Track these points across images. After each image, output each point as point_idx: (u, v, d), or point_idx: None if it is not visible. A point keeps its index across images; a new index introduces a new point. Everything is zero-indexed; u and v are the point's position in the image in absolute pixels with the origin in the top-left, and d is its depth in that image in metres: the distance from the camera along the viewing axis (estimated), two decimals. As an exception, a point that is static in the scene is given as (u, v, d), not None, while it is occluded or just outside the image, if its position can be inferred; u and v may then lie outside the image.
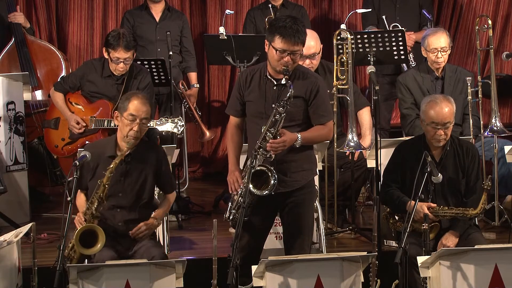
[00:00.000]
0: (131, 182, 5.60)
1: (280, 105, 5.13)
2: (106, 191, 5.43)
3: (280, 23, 5.17)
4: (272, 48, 5.19)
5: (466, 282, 5.14)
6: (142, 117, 5.55)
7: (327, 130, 5.35)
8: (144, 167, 5.62)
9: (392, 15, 8.10)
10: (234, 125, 5.48)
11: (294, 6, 8.48)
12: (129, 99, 5.58)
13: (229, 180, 5.34)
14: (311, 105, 5.29)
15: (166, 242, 6.21)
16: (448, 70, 7.17)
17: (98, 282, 5.03)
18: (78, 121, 7.03)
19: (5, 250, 5.31)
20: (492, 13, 9.10)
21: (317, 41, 6.96)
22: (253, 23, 8.24)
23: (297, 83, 5.25)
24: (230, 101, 5.50)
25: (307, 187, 5.41)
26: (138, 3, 8.71)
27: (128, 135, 5.54)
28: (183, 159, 8.47)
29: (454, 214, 5.78)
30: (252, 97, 5.34)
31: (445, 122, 5.77)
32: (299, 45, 5.18)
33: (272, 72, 5.28)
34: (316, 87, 5.28)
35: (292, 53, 5.16)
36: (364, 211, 7.50)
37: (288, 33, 5.13)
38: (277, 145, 5.14)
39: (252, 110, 5.36)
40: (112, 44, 6.82)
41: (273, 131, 5.15)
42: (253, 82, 5.34)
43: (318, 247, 6.39)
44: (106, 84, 7.01)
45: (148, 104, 5.61)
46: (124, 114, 5.55)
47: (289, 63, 5.17)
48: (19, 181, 7.25)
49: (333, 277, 5.04)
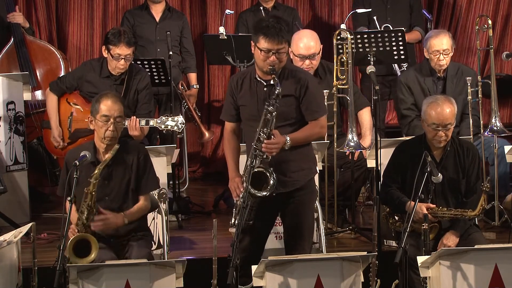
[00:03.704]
0: (116, 184, 5.58)
1: (270, 104, 5.15)
2: (94, 198, 5.39)
3: (263, 24, 5.22)
4: (257, 49, 5.23)
5: (466, 282, 5.14)
6: (116, 116, 5.51)
7: (320, 127, 5.36)
8: (126, 167, 5.59)
9: (383, 15, 8.11)
10: (230, 131, 5.49)
11: (286, 8, 8.50)
12: (99, 101, 5.54)
13: (230, 187, 5.35)
14: (302, 102, 5.30)
15: (166, 242, 6.21)
16: (450, 69, 7.16)
17: (98, 282, 5.03)
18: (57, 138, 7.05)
19: (5, 250, 5.31)
20: (492, 13, 9.10)
21: (317, 41, 6.95)
22: (245, 25, 8.25)
23: (286, 82, 5.27)
24: (224, 107, 5.52)
25: (307, 187, 5.41)
26: (138, 3, 8.72)
27: (105, 136, 5.50)
28: (183, 159, 8.47)
29: (453, 216, 5.78)
30: (244, 100, 5.36)
31: (446, 123, 5.76)
32: (283, 43, 5.21)
33: (261, 74, 5.30)
34: (305, 83, 5.30)
35: (277, 52, 5.19)
36: (364, 211, 7.50)
37: (271, 32, 5.17)
38: (271, 146, 5.15)
39: (246, 113, 5.38)
40: (113, 40, 6.80)
41: (266, 131, 5.16)
42: (244, 86, 5.36)
43: (318, 247, 6.39)
44: (104, 85, 6.99)
45: (120, 102, 5.57)
46: (97, 116, 5.52)
47: (275, 62, 5.20)
48: (19, 181, 7.25)
49: (333, 277, 5.04)
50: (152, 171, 5.71)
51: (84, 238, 5.36)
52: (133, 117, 6.67)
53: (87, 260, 5.30)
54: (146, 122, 6.71)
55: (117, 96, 5.64)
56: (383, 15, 8.10)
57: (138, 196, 5.65)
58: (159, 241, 6.32)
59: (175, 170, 7.63)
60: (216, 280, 5.11)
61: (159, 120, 6.72)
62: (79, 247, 5.34)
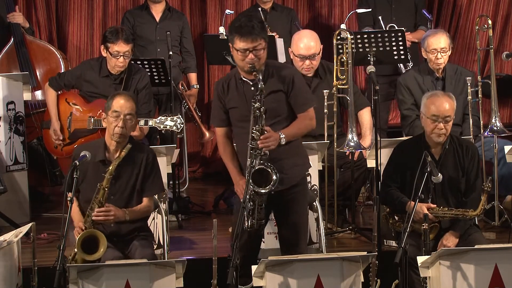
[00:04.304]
0: (123, 183, 5.60)
1: (256, 101, 5.17)
2: (106, 194, 5.43)
3: (236, 24, 5.26)
4: (234, 50, 5.27)
5: (466, 282, 5.14)
6: (126, 113, 5.56)
7: (309, 119, 5.41)
8: (133, 168, 5.62)
9: (388, 15, 8.11)
10: (223, 136, 5.49)
11: (284, 9, 8.51)
12: (113, 98, 5.63)
13: (237, 191, 5.37)
14: (290, 96, 5.35)
15: (166, 242, 6.21)
16: (448, 70, 7.17)
17: (98, 282, 5.03)
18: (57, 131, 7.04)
19: (5, 250, 5.31)
20: (492, 13, 9.10)
21: (317, 41, 6.96)
22: None
23: (272, 79, 5.32)
24: (212, 113, 5.52)
25: (300, 185, 5.45)
26: (138, 3, 8.72)
27: (114, 132, 5.55)
28: (183, 159, 8.47)
29: (454, 215, 5.78)
30: (233, 103, 5.38)
31: (446, 115, 5.77)
32: (259, 40, 5.23)
33: (245, 74, 5.34)
34: (291, 77, 5.36)
35: (254, 49, 5.22)
36: (364, 211, 7.50)
37: (244, 31, 5.21)
38: (267, 140, 5.17)
39: (236, 115, 5.39)
40: (111, 38, 6.81)
41: (258, 128, 5.18)
42: (231, 88, 5.39)
43: (318, 247, 6.39)
44: (104, 84, 7.00)
45: (133, 101, 5.63)
46: (109, 112, 5.60)
47: (254, 60, 5.23)
48: (19, 181, 7.25)
49: (333, 277, 5.04)
50: (158, 174, 5.76)
51: (92, 234, 5.38)
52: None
53: (95, 256, 5.33)
54: (145, 122, 6.72)
55: (130, 95, 5.71)
56: (388, 14, 8.10)
57: (142, 197, 5.67)
58: (159, 241, 6.32)
59: (175, 170, 7.63)
60: (216, 280, 5.11)
61: (158, 120, 6.72)
62: (87, 244, 5.36)
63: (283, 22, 8.29)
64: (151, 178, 5.68)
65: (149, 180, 5.67)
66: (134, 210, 5.62)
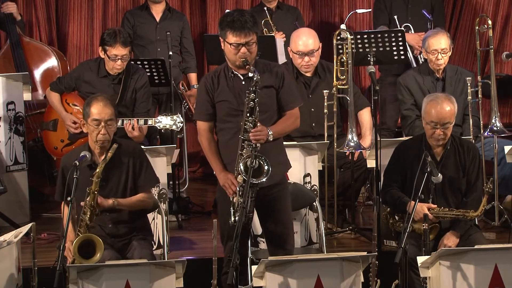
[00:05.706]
0: (114, 185, 5.58)
1: (251, 92, 5.18)
2: (96, 198, 5.39)
3: (228, 18, 5.28)
4: (227, 44, 5.28)
5: (466, 282, 5.14)
6: (106, 119, 5.52)
7: (295, 117, 5.43)
8: (122, 167, 5.59)
9: (404, 15, 8.08)
10: (208, 130, 5.45)
11: (289, 8, 8.51)
12: (90, 104, 5.56)
13: (224, 185, 5.29)
14: (280, 92, 5.38)
15: (166, 242, 6.21)
16: (449, 70, 7.17)
17: (98, 282, 5.03)
18: (75, 120, 7.02)
19: (5, 250, 5.31)
20: (492, 13, 9.09)
21: (315, 38, 6.98)
22: None
23: (264, 75, 5.32)
24: (197, 107, 5.49)
25: (282, 183, 5.44)
26: (138, 3, 8.72)
27: (97, 140, 5.52)
28: (183, 159, 8.47)
29: (455, 216, 5.78)
30: (223, 96, 5.37)
31: (445, 122, 5.77)
32: (251, 34, 5.26)
33: (235, 69, 5.35)
34: (282, 73, 5.40)
35: (247, 44, 5.25)
36: (364, 211, 7.50)
37: (237, 25, 5.23)
38: (258, 133, 5.17)
39: (226, 109, 5.37)
40: (109, 41, 6.80)
41: (252, 120, 5.19)
42: (220, 82, 5.39)
43: (318, 247, 6.39)
44: (102, 85, 6.99)
45: (111, 105, 5.58)
46: (88, 120, 5.55)
47: (246, 54, 5.25)
48: (19, 181, 7.25)
49: (333, 277, 5.04)
50: (149, 168, 5.70)
51: (88, 238, 5.36)
52: (128, 122, 6.64)
53: (92, 260, 5.30)
54: (144, 121, 6.71)
55: (107, 98, 5.64)
56: (404, 14, 8.07)
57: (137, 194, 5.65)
58: (159, 241, 6.32)
59: (175, 170, 7.62)
60: (216, 280, 5.11)
61: (157, 120, 6.72)
62: (84, 248, 5.34)
63: (289, 21, 8.28)
64: (143, 173, 5.64)
65: (141, 176, 5.64)
66: (126, 199, 5.56)
